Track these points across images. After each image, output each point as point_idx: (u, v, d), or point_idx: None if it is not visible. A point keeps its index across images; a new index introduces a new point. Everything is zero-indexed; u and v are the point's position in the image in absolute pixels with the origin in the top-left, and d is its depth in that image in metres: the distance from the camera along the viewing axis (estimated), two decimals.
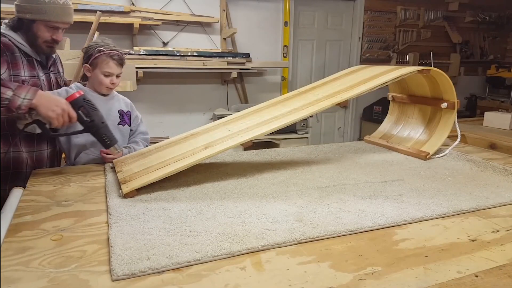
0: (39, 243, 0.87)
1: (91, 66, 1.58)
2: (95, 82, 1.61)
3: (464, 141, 2.28)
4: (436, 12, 4.94)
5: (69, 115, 1.27)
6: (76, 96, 1.29)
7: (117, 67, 1.60)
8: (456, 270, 0.78)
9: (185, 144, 1.41)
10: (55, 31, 1.49)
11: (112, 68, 1.58)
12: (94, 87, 1.62)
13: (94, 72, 1.59)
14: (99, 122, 1.31)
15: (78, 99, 1.29)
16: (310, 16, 4.41)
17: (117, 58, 1.60)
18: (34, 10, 1.43)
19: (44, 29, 1.47)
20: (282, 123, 1.35)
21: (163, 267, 0.77)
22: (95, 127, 1.32)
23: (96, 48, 1.57)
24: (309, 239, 0.89)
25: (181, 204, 1.10)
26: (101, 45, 1.59)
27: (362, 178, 1.35)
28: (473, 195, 1.19)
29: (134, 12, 3.45)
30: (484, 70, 5.42)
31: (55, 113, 1.24)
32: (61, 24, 1.49)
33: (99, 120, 1.32)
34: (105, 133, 1.33)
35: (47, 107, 1.23)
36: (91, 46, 1.60)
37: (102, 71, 1.57)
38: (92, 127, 1.31)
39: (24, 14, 1.45)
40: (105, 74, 1.58)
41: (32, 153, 1.53)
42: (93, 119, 1.31)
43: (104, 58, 1.56)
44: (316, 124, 4.73)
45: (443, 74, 1.55)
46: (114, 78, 1.61)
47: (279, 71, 4.30)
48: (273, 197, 1.16)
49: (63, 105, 1.26)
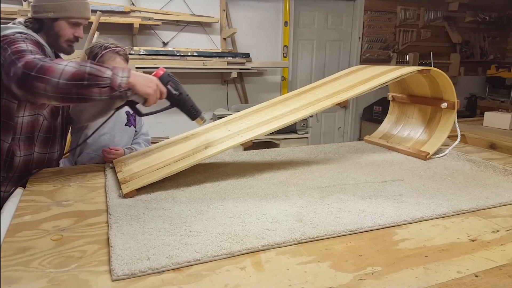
0: (39, 243, 0.87)
1: None
2: None
3: (464, 141, 2.28)
4: (436, 12, 4.95)
5: (161, 90, 1.25)
6: (161, 73, 1.27)
7: (123, 63, 1.61)
8: (456, 270, 0.78)
9: (185, 144, 1.41)
10: (77, 28, 1.47)
11: (119, 63, 1.59)
12: None
13: None
14: (185, 94, 1.31)
15: (165, 74, 1.27)
16: (310, 16, 4.41)
17: (123, 53, 1.61)
18: (56, 8, 1.41)
19: (66, 27, 1.44)
20: (282, 123, 1.35)
21: (163, 267, 0.77)
22: (183, 100, 1.30)
23: (102, 46, 1.58)
24: (309, 239, 0.89)
25: (181, 204, 1.10)
26: (104, 43, 1.60)
27: (362, 178, 1.35)
28: (473, 195, 1.19)
29: (134, 12, 3.46)
30: (484, 70, 5.43)
31: (151, 89, 1.21)
32: (82, 20, 1.47)
33: (184, 92, 1.31)
34: (192, 104, 1.33)
35: (143, 84, 1.21)
36: (96, 45, 1.61)
37: None
38: (181, 100, 1.30)
39: (46, 13, 1.41)
40: None
41: (45, 155, 1.51)
42: (181, 92, 1.30)
43: (110, 55, 1.57)
44: (316, 124, 4.73)
45: (443, 74, 1.55)
46: None
47: (279, 71, 4.30)
48: (273, 197, 1.16)
49: (156, 81, 1.24)
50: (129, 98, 1.24)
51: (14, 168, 1.42)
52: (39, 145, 1.48)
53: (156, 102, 1.26)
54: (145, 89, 1.20)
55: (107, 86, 1.14)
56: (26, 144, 1.43)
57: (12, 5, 3.12)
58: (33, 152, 1.47)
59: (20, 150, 1.42)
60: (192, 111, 1.32)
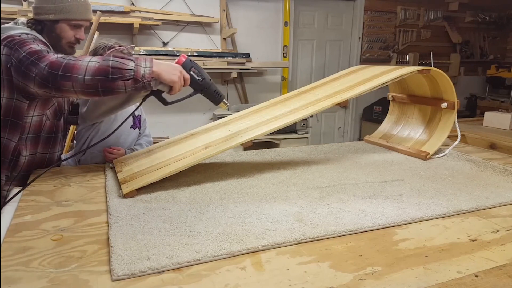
0: (39, 243, 0.87)
1: None
2: None
3: (464, 141, 2.28)
4: (436, 12, 4.95)
5: (184, 77, 1.24)
6: (184, 60, 1.26)
7: None
8: (456, 270, 0.78)
9: (185, 144, 1.41)
10: (78, 29, 1.48)
11: None
12: None
13: None
14: (208, 79, 1.30)
15: (187, 60, 1.26)
16: (310, 16, 4.41)
17: (126, 52, 1.60)
18: (57, 10, 1.41)
19: (67, 29, 1.45)
20: (282, 123, 1.35)
21: (163, 267, 0.77)
22: (207, 84, 1.30)
23: (106, 46, 1.58)
24: (309, 239, 0.89)
25: (181, 204, 1.10)
26: (107, 43, 1.59)
27: (362, 178, 1.35)
28: (473, 195, 1.19)
29: (134, 12, 3.46)
30: (484, 70, 5.43)
31: (176, 77, 1.21)
32: (83, 22, 1.48)
33: (208, 77, 1.30)
34: (216, 88, 1.32)
35: (169, 72, 1.20)
36: (99, 46, 1.60)
37: None
38: (205, 85, 1.29)
39: (47, 15, 1.41)
40: None
41: (46, 155, 1.52)
42: (204, 77, 1.29)
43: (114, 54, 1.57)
44: (316, 124, 4.73)
45: (443, 74, 1.55)
46: None
47: (279, 71, 4.30)
48: (273, 197, 1.16)
49: (179, 68, 1.23)
50: (154, 88, 1.22)
51: (19, 168, 1.42)
52: (42, 145, 1.48)
53: (181, 89, 1.25)
54: (171, 77, 1.20)
55: (131, 78, 1.15)
56: (32, 144, 1.44)
57: (12, 5, 3.12)
58: (36, 152, 1.47)
59: (26, 149, 1.42)
60: (216, 95, 1.32)
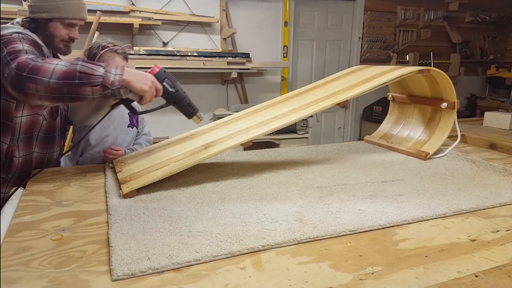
0: (39, 243, 0.87)
1: None
2: None
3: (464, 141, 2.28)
4: (436, 12, 4.95)
5: (156, 88, 1.22)
6: (157, 70, 1.25)
7: (123, 61, 1.60)
8: (456, 270, 0.78)
9: (185, 144, 1.41)
10: (72, 28, 1.47)
11: (118, 62, 1.58)
12: None
13: None
14: (182, 91, 1.29)
15: (160, 71, 1.25)
16: (310, 16, 4.41)
17: (122, 52, 1.60)
18: (50, 8, 1.41)
19: (61, 27, 1.45)
20: (282, 123, 1.35)
21: (163, 267, 0.77)
22: (180, 97, 1.28)
23: (100, 46, 1.58)
24: (309, 239, 0.89)
25: (181, 204, 1.10)
26: (103, 43, 1.59)
27: (362, 178, 1.35)
28: (473, 195, 1.19)
29: (134, 12, 3.46)
30: (484, 70, 5.43)
31: (147, 86, 1.19)
32: (77, 21, 1.47)
33: (181, 89, 1.29)
34: (189, 101, 1.30)
35: (139, 81, 1.18)
36: (94, 46, 1.60)
37: None
38: (178, 97, 1.28)
39: (40, 13, 1.41)
40: None
41: (45, 155, 1.51)
42: (177, 89, 1.27)
43: (109, 54, 1.57)
44: (316, 124, 4.73)
45: (443, 74, 1.55)
46: None
47: (279, 71, 4.30)
48: (273, 197, 1.16)
49: (151, 78, 1.21)
50: (124, 96, 1.21)
51: (13, 169, 1.41)
52: (39, 145, 1.48)
53: (152, 100, 1.23)
54: (141, 86, 1.18)
55: (99, 84, 1.12)
56: (25, 144, 1.43)
57: (12, 5, 3.12)
58: (32, 152, 1.46)
59: (19, 150, 1.42)
60: (189, 109, 1.30)
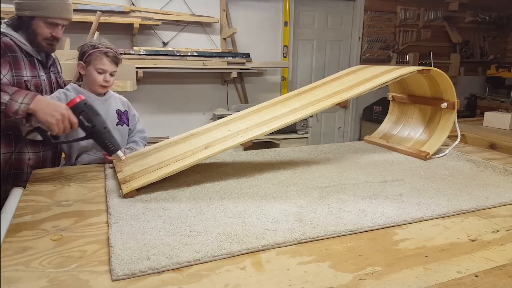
0: (39, 243, 0.87)
1: (85, 64, 1.58)
2: (89, 80, 1.60)
3: (464, 141, 2.28)
4: (436, 12, 4.95)
5: (70, 120, 1.21)
6: (77, 101, 1.23)
7: (110, 64, 1.59)
8: (456, 270, 0.78)
9: (185, 144, 1.41)
10: (54, 27, 1.47)
11: (105, 64, 1.57)
12: (89, 87, 1.61)
13: (87, 69, 1.58)
14: (101, 127, 1.26)
15: (79, 104, 1.23)
16: (310, 16, 4.41)
17: (111, 55, 1.58)
18: (33, 6, 1.42)
19: (43, 26, 1.45)
20: (282, 123, 1.35)
21: (163, 267, 0.77)
22: (97, 133, 1.26)
23: (90, 45, 1.57)
24: (309, 239, 0.89)
25: (181, 204, 1.10)
26: (95, 42, 1.59)
27: (362, 178, 1.35)
28: (473, 195, 1.19)
29: (134, 12, 3.45)
30: (484, 70, 5.42)
31: (54, 119, 1.18)
32: (60, 20, 1.47)
33: (101, 125, 1.26)
34: (108, 139, 1.27)
35: (45, 112, 1.18)
36: (86, 44, 1.60)
37: (95, 68, 1.56)
38: (94, 133, 1.26)
39: (23, 11, 1.44)
40: (98, 71, 1.56)
41: (38, 153, 1.52)
42: (94, 124, 1.25)
43: (97, 55, 1.56)
44: (316, 124, 4.73)
45: (443, 74, 1.55)
46: (108, 75, 1.59)
47: (279, 71, 4.30)
48: (273, 197, 1.16)
49: (63, 110, 1.20)
50: (35, 125, 1.21)
51: None
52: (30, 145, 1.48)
53: (63, 131, 1.22)
54: (47, 118, 1.18)
55: (1, 111, 1.14)
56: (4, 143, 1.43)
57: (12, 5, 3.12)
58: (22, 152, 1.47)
59: None
60: (109, 145, 1.27)
